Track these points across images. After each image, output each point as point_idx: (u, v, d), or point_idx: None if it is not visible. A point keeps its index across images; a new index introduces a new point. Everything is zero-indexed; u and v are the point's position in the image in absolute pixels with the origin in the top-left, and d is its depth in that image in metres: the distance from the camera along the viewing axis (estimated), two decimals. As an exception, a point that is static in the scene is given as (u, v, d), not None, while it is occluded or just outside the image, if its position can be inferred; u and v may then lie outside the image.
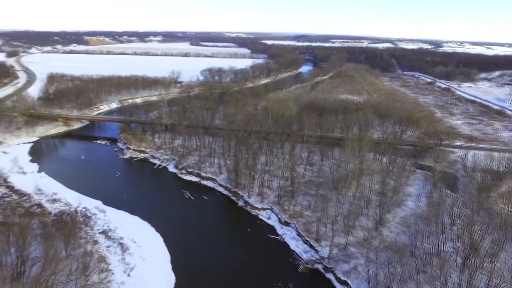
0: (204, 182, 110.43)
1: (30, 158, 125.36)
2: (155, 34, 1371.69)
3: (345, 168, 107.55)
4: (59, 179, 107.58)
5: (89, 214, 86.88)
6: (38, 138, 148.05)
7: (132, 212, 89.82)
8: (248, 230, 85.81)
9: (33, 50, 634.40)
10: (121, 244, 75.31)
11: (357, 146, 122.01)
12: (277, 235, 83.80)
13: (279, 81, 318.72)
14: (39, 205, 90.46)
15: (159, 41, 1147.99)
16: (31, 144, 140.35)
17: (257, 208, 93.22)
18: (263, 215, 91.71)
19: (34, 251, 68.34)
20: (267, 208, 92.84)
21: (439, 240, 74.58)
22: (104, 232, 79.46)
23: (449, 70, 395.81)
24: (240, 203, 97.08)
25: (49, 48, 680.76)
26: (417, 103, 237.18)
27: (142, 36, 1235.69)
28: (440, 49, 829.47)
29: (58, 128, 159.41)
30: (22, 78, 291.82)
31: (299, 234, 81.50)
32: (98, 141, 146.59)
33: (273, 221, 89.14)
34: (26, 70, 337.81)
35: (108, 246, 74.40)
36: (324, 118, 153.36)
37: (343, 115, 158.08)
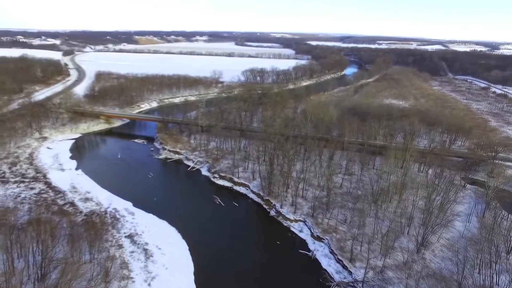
0: (237, 188, 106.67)
1: (70, 154, 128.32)
2: (201, 34, 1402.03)
3: (387, 180, 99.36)
4: (94, 177, 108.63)
5: (118, 216, 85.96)
6: (80, 135, 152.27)
7: (160, 216, 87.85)
8: (278, 242, 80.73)
9: (87, 49, 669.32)
10: (145, 250, 73.12)
11: (401, 156, 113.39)
12: (308, 250, 77.97)
13: (321, 83, 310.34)
14: (72, 204, 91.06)
15: (205, 40, 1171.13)
16: (73, 141, 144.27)
17: (289, 219, 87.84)
18: (295, 227, 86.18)
19: (60, 252, 67.73)
20: (300, 220, 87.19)
21: (492, 270, 65.45)
22: (130, 236, 77.82)
23: (506, 74, 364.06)
24: (272, 213, 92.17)
25: (101, 47, 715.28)
26: (469, 110, 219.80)
27: (189, 36, 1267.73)
28: (496, 52, 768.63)
29: (99, 126, 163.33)
30: (73, 75, 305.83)
31: (331, 252, 75.24)
32: (136, 140, 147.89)
33: (305, 235, 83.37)
34: (78, 68, 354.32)
35: (132, 252, 72.47)
36: (366, 124, 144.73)
37: (387, 121, 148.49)
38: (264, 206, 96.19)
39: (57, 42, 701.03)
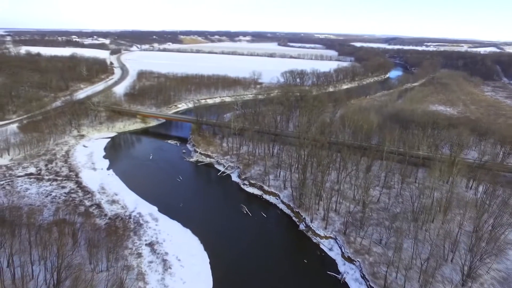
0: (266, 197, 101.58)
1: (104, 154, 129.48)
2: (245, 34, 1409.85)
3: (430, 196, 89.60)
4: (124, 178, 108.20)
5: (141, 221, 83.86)
6: (116, 134, 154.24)
7: (184, 223, 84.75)
8: (305, 261, 74.67)
9: (133, 48, 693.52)
10: (164, 261, 69.95)
11: (447, 169, 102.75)
12: (338, 272, 71.26)
13: (363, 87, 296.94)
14: (98, 206, 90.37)
15: (248, 41, 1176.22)
16: (109, 139, 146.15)
17: (319, 236, 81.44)
18: (324, 245, 79.66)
19: (78, 257, 66.42)
20: (331, 237, 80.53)
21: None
22: (150, 244, 75.12)
23: None
24: (301, 227, 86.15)
25: (147, 46, 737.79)
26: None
27: (232, 36, 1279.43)
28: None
29: (135, 125, 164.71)
30: (117, 74, 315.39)
31: (363, 276, 68.13)
32: (169, 141, 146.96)
33: (335, 254, 76.68)
34: (122, 67, 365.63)
35: (151, 262, 69.54)
36: (409, 132, 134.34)
37: (432, 130, 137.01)
38: (294, 218, 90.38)
39: (107, 41, 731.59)
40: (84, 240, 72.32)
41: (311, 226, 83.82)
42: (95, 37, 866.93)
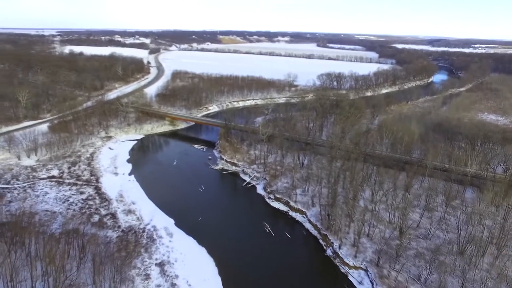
0: (292, 214, 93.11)
1: (128, 157, 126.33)
2: (283, 34, 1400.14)
3: (480, 223, 77.58)
4: (144, 185, 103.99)
5: (154, 237, 78.27)
6: (143, 136, 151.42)
7: (200, 240, 78.30)
8: (330, 295, 65.87)
9: (172, 47, 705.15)
10: (173, 286, 63.61)
11: (501, 192, 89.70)
12: (368, 313, 61.94)
13: (404, 91, 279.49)
14: (113, 216, 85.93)
15: (286, 41, 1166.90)
16: (135, 142, 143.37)
17: (347, 265, 72.06)
18: (353, 276, 70.21)
19: (82, 275, 61.76)
20: (361, 268, 70.90)
21: None
22: (161, 265, 69.11)
23: None
24: (329, 252, 77.11)
25: (185, 45, 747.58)
26: None
27: (271, 36, 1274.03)
28: None
29: (163, 127, 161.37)
30: (153, 73, 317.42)
31: (399, 322, 58.38)
32: (196, 146, 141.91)
33: (365, 289, 67.20)
34: (159, 67, 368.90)
35: (158, 286, 63.39)
36: (455, 145, 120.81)
37: (482, 144, 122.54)
38: (321, 241, 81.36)
39: (147, 41, 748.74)
40: (92, 255, 67.58)
41: (339, 252, 74.56)
42: (136, 36, 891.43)
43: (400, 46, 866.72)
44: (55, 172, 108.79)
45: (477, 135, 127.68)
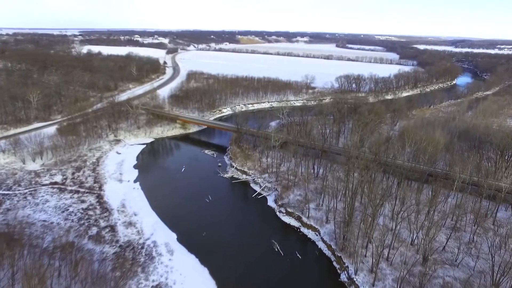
0: (304, 230, 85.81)
1: (135, 162, 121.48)
2: (303, 34, 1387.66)
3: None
4: (148, 194, 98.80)
5: (154, 254, 72.42)
6: (153, 139, 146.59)
7: (202, 259, 72.14)
8: (344, 329, 58.44)
9: (190, 47, 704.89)
10: (168, 314, 57.61)
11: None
12: None
13: (426, 94, 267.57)
14: (112, 228, 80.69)
15: (305, 42, 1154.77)
16: (144, 146, 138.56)
17: (364, 294, 64.49)
18: (371, 308, 62.64)
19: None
20: (380, 299, 63.26)
21: None
22: (157, 288, 63.25)
23: None
24: (343, 277, 69.55)
25: (203, 45, 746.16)
26: None
27: (290, 37, 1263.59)
28: None
29: (174, 130, 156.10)
30: (168, 74, 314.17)
31: None
32: (206, 151, 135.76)
33: (385, 325, 59.47)
34: (175, 67, 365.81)
35: (152, 314, 57.51)
36: (483, 155, 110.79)
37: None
38: (335, 264, 73.85)
39: (165, 40, 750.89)
40: (85, 273, 62.32)
41: (354, 279, 66.88)
42: (155, 36, 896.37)
43: (421, 47, 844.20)
44: (58, 178, 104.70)
45: (509, 144, 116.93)
